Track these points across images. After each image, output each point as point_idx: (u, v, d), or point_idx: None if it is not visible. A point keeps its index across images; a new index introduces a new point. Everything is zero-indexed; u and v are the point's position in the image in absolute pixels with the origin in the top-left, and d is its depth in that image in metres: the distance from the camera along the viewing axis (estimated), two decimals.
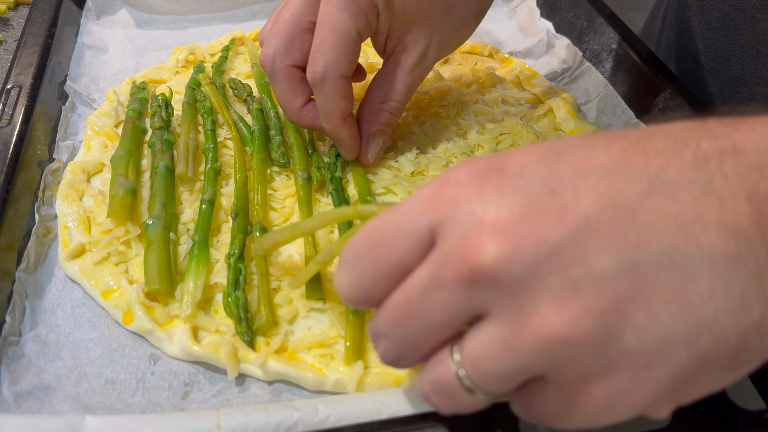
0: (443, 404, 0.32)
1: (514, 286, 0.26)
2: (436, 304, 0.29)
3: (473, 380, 0.29)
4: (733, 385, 0.41)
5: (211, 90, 0.65)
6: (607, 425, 0.29)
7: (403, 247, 0.30)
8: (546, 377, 0.29)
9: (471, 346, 0.29)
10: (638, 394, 0.27)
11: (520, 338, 0.27)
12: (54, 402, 0.42)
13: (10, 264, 0.49)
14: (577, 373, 0.27)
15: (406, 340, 0.31)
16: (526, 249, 0.26)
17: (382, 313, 0.32)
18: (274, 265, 0.51)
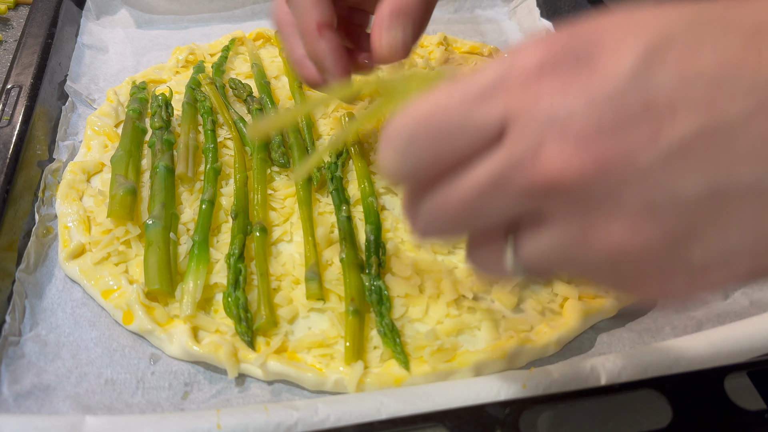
0: (485, 277, 0.34)
1: (588, 201, 0.25)
2: (494, 206, 0.27)
3: (527, 268, 0.29)
4: (733, 385, 0.41)
5: (211, 90, 0.65)
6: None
7: (469, 140, 0.27)
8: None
9: (529, 248, 0.28)
10: (690, 292, 0.27)
11: (584, 249, 0.26)
12: (54, 402, 0.42)
13: (10, 264, 0.49)
14: (635, 279, 0.27)
15: (455, 228, 0.30)
16: (612, 169, 0.25)
17: (428, 205, 0.29)
18: (274, 265, 0.51)
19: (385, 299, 0.47)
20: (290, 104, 0.67)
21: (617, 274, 0.27)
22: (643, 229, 0.25)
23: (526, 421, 0.39)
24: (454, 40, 0.80)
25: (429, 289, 0.49)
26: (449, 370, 0.44)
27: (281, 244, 0.53)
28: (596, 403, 0.41)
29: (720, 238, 0.25)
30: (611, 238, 0.26)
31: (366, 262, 0.50)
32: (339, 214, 0.54)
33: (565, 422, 0.41)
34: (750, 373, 0.42)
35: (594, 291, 0.33)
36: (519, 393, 0.41)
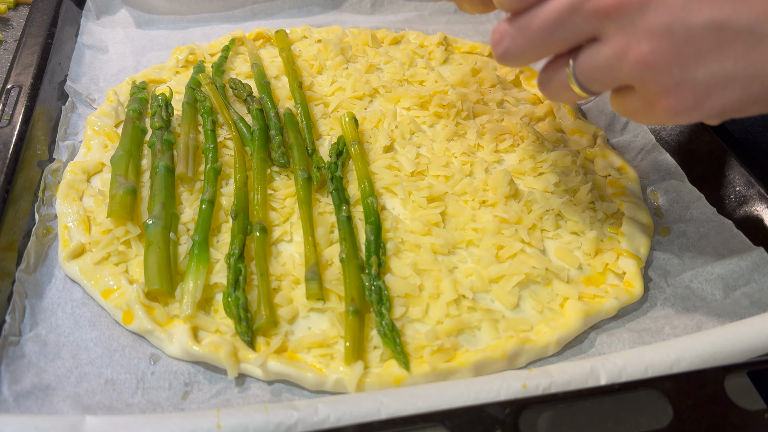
0: (553, 94, 0.44)
1: (629, 24, 0.36)
2: (567, 26, 0.39)
3: (581, 82, 0.41)
4: (733, 385, 0.41)
5: (211, 90, 0.65)
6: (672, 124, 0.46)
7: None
8: (634, 87, 0.39)
9: (585, 60, 0.40)
10: (696, 111, 0.38)
11: (623, 61, 0.37)
12: (54, 402, 0.42)
13: (10, 264, 0.49)
14: (655, 88, 0.37)
15: (532, 45, 0.41)
16: (648, 4, 0.35)
17: (519, 21, 0.41)
18: (274, 265, 0.51)
19: (385, 299, 0.47)
20: (290, 104, 0.67)
21: (642, 85, 0.38)
22: (663, 46, 0.36)
23: (526, 421, 0.39)
24: (454, 40, 0.80)
25: (429, 289, 0.49)
26: (449, 370, 0.44)
27: (281, 244, 0.53)
28: (596, 403, 0.41)
29: (719, 63, 0.35)
30: (641, 51, 0.36)
31: (366, 262, 0.50)
32: (339, 214, 0.54)
33: (565, 422, 0.41)
34: (750, 373, 0.42)
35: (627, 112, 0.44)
36: (519, 393, 0.40)
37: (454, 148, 0.62)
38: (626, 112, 0.42)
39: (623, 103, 0.41)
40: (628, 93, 0.40)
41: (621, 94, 0.41)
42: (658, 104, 0.38)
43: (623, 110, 0.42)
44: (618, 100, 0.42)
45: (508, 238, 0.53)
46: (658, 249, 0.55)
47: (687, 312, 0.49)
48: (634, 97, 0.40)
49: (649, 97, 0.38)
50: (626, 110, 0.42)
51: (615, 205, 0.57)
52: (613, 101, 0.42)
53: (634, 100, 0.40)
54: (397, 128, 0.63)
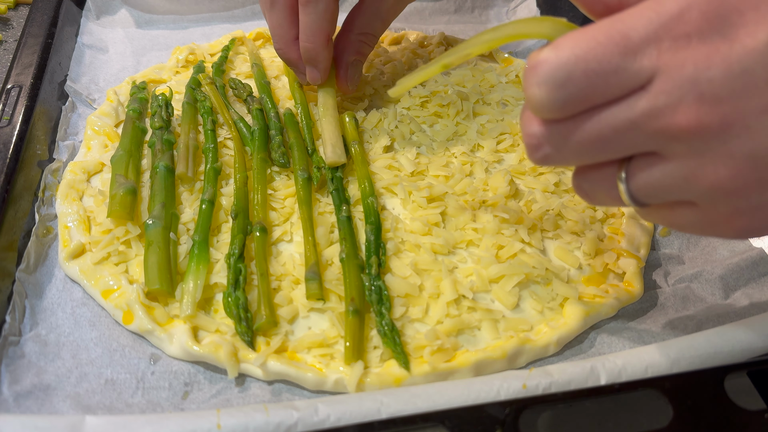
0: (595, 202, 0.38)
1: (705, 147, 0.31)
2: (624, 143, 0.33)
3: (635, 196, 0.35)
4: (733, 385, 0.41)
5: (211, 90, 0.65)
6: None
7: (621, 85, 0.31)
8: (699, 206, 0.34)
9: (643, 176, 0.34)
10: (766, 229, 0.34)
11: (691, 182, 0.32)
12: (54, 402, 0.42)
13: (10, 264, 0.49)
14: (727, 210, 0.33)
15: (578, 156, 0.34)
16: (731, 127, 0.30)
17: (562, 127, 0.33)
18: (274, 265, 0.51)
19: (385, 299, 0.47)
20: (290, 104, 0.67)
21: (712, 206, 0.33)
22: (744, 172, 0.31)
23: (526, 421, 0.39)
24: (454, 40, 0.80)
25: (429, 289, 0.49)
26: (449, 370, 0.44)
27: (281, 244, 0.53)
28: (596, 403, 0.41)
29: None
30: (717, 176, 0.32)
31: (366, 262, 0.50)
32: (339, 214, 0.54)
33: (565, 422, 0.41)
34: (750, 373, 0.42)
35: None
36: (519, 393, 0.41)
37: (454, 148, 0.62)
38: (675, 224, 0.37)
39: (674, 216, 0.36)
40: (686, 208, 0.35)
41: (674, 208, 0.36)
42: (726, 223, 0.34)
43: (671, 221, 0.37)
44: (667, 212, 0.36)
45: (508, 238, 0.53)
46: (658, 249, 0.55)
47: (687, 312, 0.49)
48: (694, 213, 0.35)
49: (715, 216, 0.34)
50: (676, 223, 0.36)
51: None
52: (659, 212, 0.37)
53: (693, 216, 0.35)
54: (397, 128, 0.63)
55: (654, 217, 0.37)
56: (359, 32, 0.61)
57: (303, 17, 0.56)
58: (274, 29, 0.59)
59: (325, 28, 0.56)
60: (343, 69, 0.62)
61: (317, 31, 0.56)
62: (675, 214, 0.36)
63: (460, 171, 0.59)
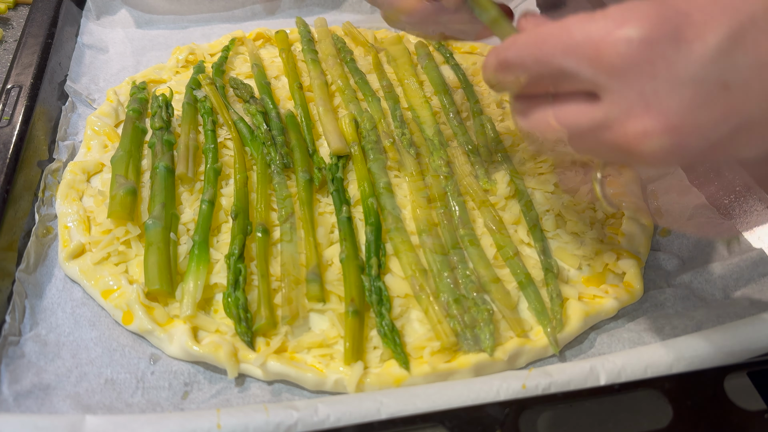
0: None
1: (662, 167, 0.31)
2: (582, 142, 0.34)
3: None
4: (733, 385, 0.41)
5: (211, 90, 0.65)
6: None
7: (562, 74, 0.33)
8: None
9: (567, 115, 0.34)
10: None
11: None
12: (54, 401, 0.42)
13: (10, 264, 0.49)
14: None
15: (527, 126, 0.37)
16: (688, 145, 0.29)
17: (527, 112, 0.36)
18: (274, 266, 0.51)
19: (385, 300, 0.47)
20: (290, 104, 0.67)
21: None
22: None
23: (526, 421, 0.39)
24: (454, 40, 0.80)
25: (429, 290, 0.49)
26: (449, 371, 0.44)
27: (281, 244, 0.53)
28: (596, 403, 0.41)
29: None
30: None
31: (366, 262, 0.50)
32: (339, 215, 0.54)
33: (565, 422, 0.41)
34: (750, 373, 0.42)
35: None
36: (519, 393, 0.41)
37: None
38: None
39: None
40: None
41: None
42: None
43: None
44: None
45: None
46: (658, 249, 0.55)
47: (687, 312, 0.49)
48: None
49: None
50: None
51: (615, 205, 0.57)
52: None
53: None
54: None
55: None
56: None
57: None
58: None
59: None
60: None
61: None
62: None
63: (461, 171, 0.59)
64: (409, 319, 0.48)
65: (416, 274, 0.49)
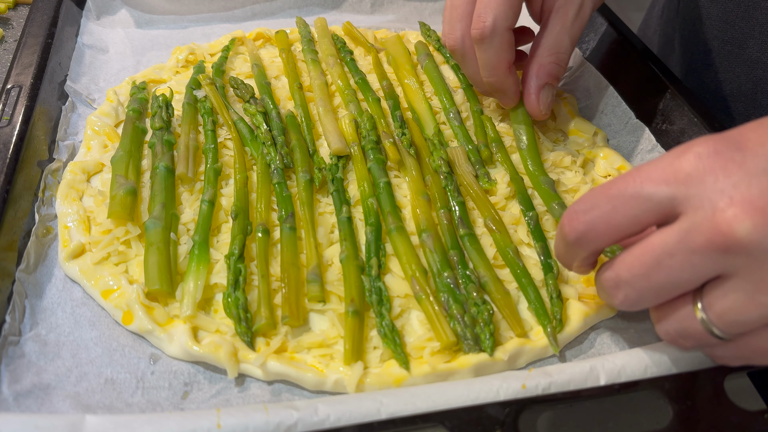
0: (688, 344, 0.39)
1: (763, 252, 0.31)
2: (685, 265, 0.34)
3: (717, 327, 0.36)
4: (733, 385, 0.41)
5: (211, 90, 0.65)
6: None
7: (641, 209, 0.35)
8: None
9: (718, 301, 0.35)
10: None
11: (766, 293, 0.33)
12: (54, 401, 0.42)
13: (10, 264, 0.49)
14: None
15: (650, 290, 0.37)
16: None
17: (624, 265, 0.37)
18: (274, 266, 0.51)
19: (385, 300, 0.47)
20: (290, 104, 0.67)
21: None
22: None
23: (526, 421, 0.39)
24: None
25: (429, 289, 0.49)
26: (449, 371, 0.44)
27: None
28: (596, 403, 0.41)
29: None
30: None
31: (366, 263, 0.50)
32: (339, 215, 0.54)
33: (565, 422, 0.41)
34: (750, 373, 0.42)
35: None
36: (518, 393, 0.40)
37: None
38: (759, 354, 0.37)
39: (763, 343, 0.36)
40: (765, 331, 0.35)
41: (760, 334, 0.36)
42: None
43: (753, 352, 0.37)
44: (755, 341, 0.36)
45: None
46: None
47: None
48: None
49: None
50: (760, 352, 0.37)
51: None
52: (748, 345, 0.37)
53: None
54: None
55: (746, 354, 0.37)
56: (548, 54, 0.58)
57: (480, 54, 0.57)
58: (489, 68, 0.58)
59: (504, 58, 0.57)
60: (534, 94, 0.59)
61: (497, 64, 0.57)
62: (763, 341, 0.36)
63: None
64: (409, 319, 0.48)
65: (416, 274, 0.49)
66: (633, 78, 0.68)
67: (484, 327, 0.46)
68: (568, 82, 0.75)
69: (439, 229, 0.54)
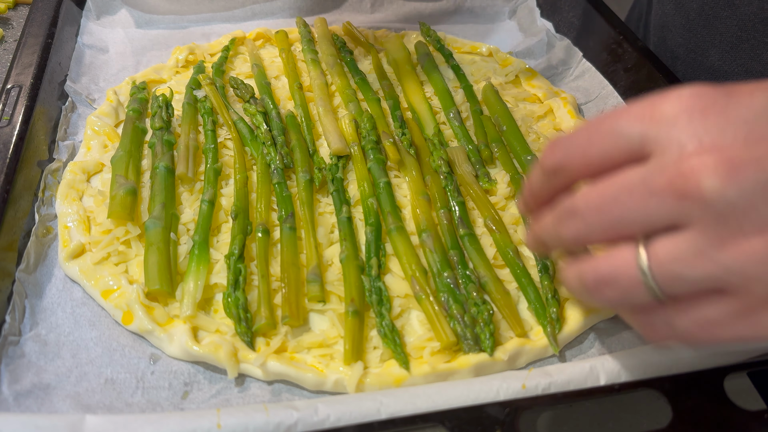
0: (611, 294, 0.34)
1: (724, 207, 0.29)
2: (641, 205, 0.31)
3: (655, 277, 0.32)
4: (733, 385, 0.41)
5: (211, 90, 0.65)
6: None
7: (613, 144, 0.33)
8: (727, 291, 0.31)
9: (663, 248, 0.31)
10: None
11: (719, 251, 0.29)
12: (54, 401, 0.42)
13: (10, 264, 0.49)
14: (764, 292, 0.30)
15: (600, 225, 0.34)
16: (745, 176, 0.28)
17: (582, 196, 0.34)
18: (274, 266, 0.51)
19: (385, 300, 0.47)
20: (290, 104, 0.67)
21: (747, 291, 0.30)
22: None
23: (526, 421, 0.39)
24: (454, 40, 0.80)
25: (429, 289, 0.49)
26: (449, 371, 0.44)
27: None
28: (596, 403, 0.41)
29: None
30: (747, 242, 0.29)
31: (366, 263, 0.50)
32: (339, 215, 0.54)
33: (565, 422, 0.41)
34: (750, 373, 0.42)
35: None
36: (518, 393, 0.41)
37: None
38: (707, 326, 0.32)
39: (703, 312, 0.32)
40: (714, 299, 0.32)
41: (701, 301, 0.32)
42: (763, 312, 0.30)
43: (702, 323, 0.32)
44: (695, 310, 0.33)
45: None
46: None
47: None
48: (725, 304, 0.31)
49: (750, 304, 0.30)
50: (708, 322, 0.32)
51: None
52: (686, 312, 0.33)
53: (724, 308, 0.31)
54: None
55: (683, 321, 0.33)
56: None
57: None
58: None
59: None
60: None
61: None
62: (704, 310, 0.32)
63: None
64: (409, 319, 0.48)
65: (416, 274, 0.49)
66: (632, 77, 0.68)
67: (484, 327, 0.46)
68: (568, 82, 0.75)
69: (439, 229, 0.54)
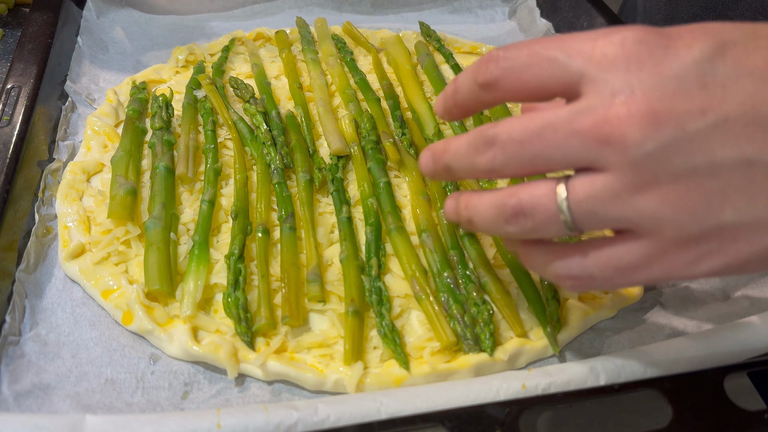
0: (525, 225, 0.35)
1: (641, 157, 0.31)
2: (562, 143, 0.32)
3: (572, 212, 0.33)
4: (733, 385, 0.41)
5: (211, 90, 0.65)
6: (675, 281, 0.33)
7: (551, 73, 0.33)
8: (639, 233, 0.33)
9: (581, 186, 0.33)
10: (718, 258, 0.32)
11: (633, 195, 0.31)
12: (54, 401, 0.42)
13: (10, 264, 0.49)
14: (674, 234, 0.32)
15: (519, 158, 0.34)
16: (665, 131, 0.30)
17: (505, 126, 0.35)
18: (274, 266, 0.51)
19: (385, 300, 0.47)
20: (290, 105, 0.67)
21: (658, 233, 0.32)
22: (687, 186, 0.31)
23: (526, 421, 0.39)
24: (454, 40, 0.80)
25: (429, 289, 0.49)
26: (449, 371, 0.44)
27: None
28: (596, 403, 0.41)
29: (749, 204, 0.31)
30: (660, 189, 0.31)
31: (366, 263, 0.50)
32: (339, 215, 0.54)
33: (565, 422, 0.41)
34: (750, 373, 0.42)
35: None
36: (518, 393, 0.41)
37: None
38: (621, 268, 0.34)
39: (618, 254, 0.34)
40: (628, 241, 0.33)
41: (616, 242, 0.34)
42: (673, 253, 0.32)
43: (616, 264, 0.34)
44: (610, 250, 0.34)
45: None
46: None
47: (687, 312, 0.49)
48: (638, 247, 0.33)
49: (662, 247, 0.32)
50: (621, 265, 0.34)
51: None
52: (603, 251, 0.34)
53: (638, 251, 0.33)
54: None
55: (596, 262, 0.35)
56: None
57: None
58: None
59: None
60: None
61: None
62: (618, 252, 0.34)
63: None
64: (409, 319, 0.48)
65: (416, 274, 0.49)
66: None
67: (484, 327, 0.46)
68: None
69: (439, 229, 0.54)
